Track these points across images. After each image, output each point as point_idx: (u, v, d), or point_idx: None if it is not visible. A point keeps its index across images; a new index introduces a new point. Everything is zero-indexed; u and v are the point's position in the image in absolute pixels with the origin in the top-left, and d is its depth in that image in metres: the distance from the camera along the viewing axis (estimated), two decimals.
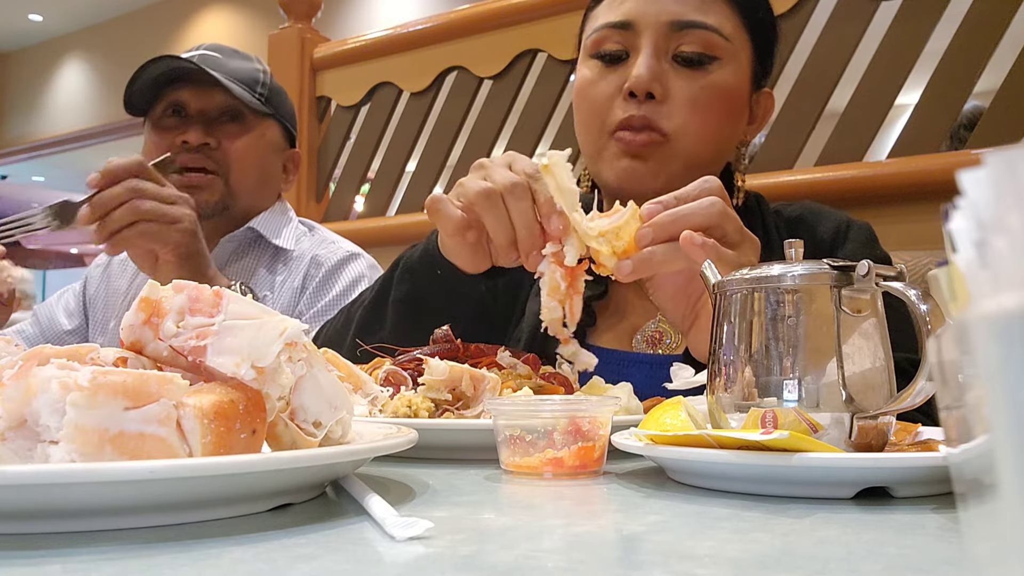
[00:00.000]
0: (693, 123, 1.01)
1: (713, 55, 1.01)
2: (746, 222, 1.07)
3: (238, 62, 1.55)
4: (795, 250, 0.62)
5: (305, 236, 1.63)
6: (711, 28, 1.00)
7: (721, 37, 1.01)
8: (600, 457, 0.63)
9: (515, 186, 0.80)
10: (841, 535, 0.43)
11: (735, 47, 1.03)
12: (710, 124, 1.02)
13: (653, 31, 1.01)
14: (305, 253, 1.56)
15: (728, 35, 1.02)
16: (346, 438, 0.54)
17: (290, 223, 1.62)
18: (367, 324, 1.04)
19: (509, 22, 2.10)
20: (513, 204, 0.80)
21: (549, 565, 0.36)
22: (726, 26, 1.02)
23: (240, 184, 1.52)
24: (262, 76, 1.56)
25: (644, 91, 0.99)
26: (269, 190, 1.61)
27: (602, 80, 1.04)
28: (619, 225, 0.78)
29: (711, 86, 1.01)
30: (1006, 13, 1.53)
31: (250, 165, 1.53)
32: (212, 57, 1.52)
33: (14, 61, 11.26)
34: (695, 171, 1.02)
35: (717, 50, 1.01)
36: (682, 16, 1.00)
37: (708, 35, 1.00)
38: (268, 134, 1.56)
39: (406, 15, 6.07)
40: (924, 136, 1.59)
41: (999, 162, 0.21)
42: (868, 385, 0.58)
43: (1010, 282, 0.20)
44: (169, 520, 0.43)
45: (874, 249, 1.06)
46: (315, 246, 1.58)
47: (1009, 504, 0.20)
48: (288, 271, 1.54)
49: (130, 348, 0.50)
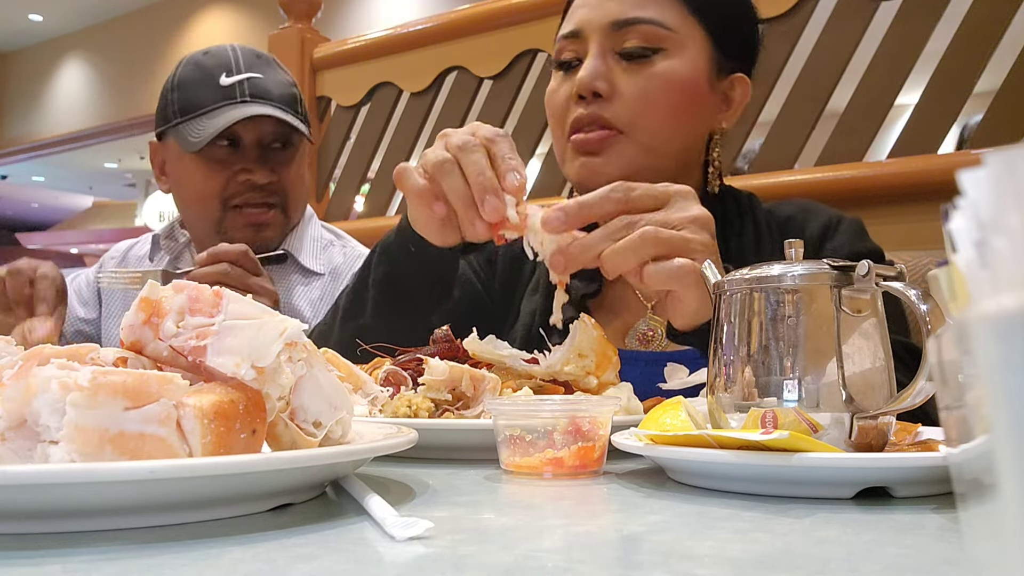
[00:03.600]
0: (644, 114, 1.03)
1: (656, 47, 1.03)
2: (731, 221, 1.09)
3: (276, 78, 1.50)
4: (795, 250, 0.62)
5: (333, 246, 1.61)
6: (651, 21, 1.03)
7: (663, 28, 1.03)
8: (600, 457, 0.63)
9: (466, 143, 0.81)
10: (841, 535, 0.43)
11: (681, 36, 1.04)
12: (662, 113, 1.04)
13: (597, 34, 1.05)
14: (343, 267, 1.56)
15: (671, 25, 1.03)
16: (346, 438, 0.54)
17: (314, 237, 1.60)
18: (350, 309, 1.06)
19: (509, 22, 2.10)
20: (465, 159, 0.81)
21: (549, 565, 0.36)
22: (668, 17, 1.03)
23: (295, 211, 1.53)
24: (297, 91, 1.52)
25: (589, 91, 1.03)
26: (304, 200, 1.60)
27: (560, 88, 1.09)
28: (576, 343, 0.81)
29: (657, 76, 1.03)
30: (1006, 13, 1.54)
31: (301, 189, 1.53)
32: (258, 81, 1.46)
33: (14, 61, 11.27)
34: (658, 161, 1.04)
35: (661, 41, 1.03)
36: (621, 15, 1.03)
37: (649, 28, 1.03)
38: (305, 149, 1.54)
39: (406, 15, 6.07)
40: (924, 136, 1.59)
41: (999, 162, 0.21)
42: (868, 385, 0.58)
43: (1010, 282, 0.20)
44: (169, 520, 0.43)
45: (863, 241, 1.06)
46: (354, 261, 1.57)
47: (1009, 504, 0.20)
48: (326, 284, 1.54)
49: (130, 348, 0.50)
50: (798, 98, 1.72)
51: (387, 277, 1.02)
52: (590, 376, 0.81)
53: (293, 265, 1.55)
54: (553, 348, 0.83)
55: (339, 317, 1.07)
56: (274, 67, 1.52)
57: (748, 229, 1.08)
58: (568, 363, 0.81)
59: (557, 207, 0.78)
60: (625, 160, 1.03)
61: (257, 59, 1.51)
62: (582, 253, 0.78)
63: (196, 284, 0.49)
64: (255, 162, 1.46)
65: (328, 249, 1.60)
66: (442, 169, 0.81)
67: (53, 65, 10.77)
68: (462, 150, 0.81)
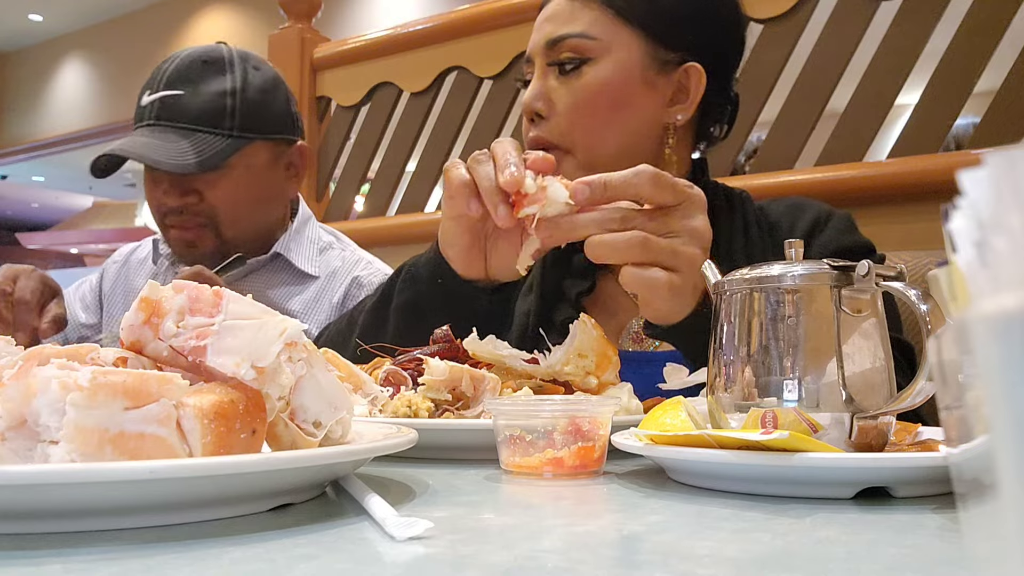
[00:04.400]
0: (578, 126, 1.06)
1: (584, 57, 1.06)
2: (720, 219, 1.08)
3: (204, 90, 1.42)
4: (795, 250, 0.62)
5: (332, 249, 1.60)
6: (577, 35, 1.06)
7: (587, 39, 1.06)
8: (600, 457, 0.63)
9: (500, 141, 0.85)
10: (841, 535, 0.43)
11: (606, 42, 1.06)
12: (596, 121, 1.06)
13: (538, 55, 1.09)
14: (341, 271, 1.54)
15: (595, 35, 1.05)
16: (346, 438, 0.54)
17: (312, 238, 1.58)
18: (369, 329, 1.05)
19: (509, 22, 2.10)
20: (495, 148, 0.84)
21: (549, 565, 0.36)
22: (594, 27, 1.06)
23: (232, 227, 1.46)
24: (229, 103, 1.42)
25: (529, 113, 1.09)
26: (273, 209, 1.54)
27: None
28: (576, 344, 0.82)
29: (586, 86, 1.05)
30: (1006, 13, 1.54)
31: (240, 207, 1.46)
32: (171, 101, 1.41)
33: (14, 61, 11.27)
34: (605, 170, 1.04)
35: (587, 52, 1.06)
36: (553, 33, 1.07)
37: (575, 42, 1.06)
38: (255, 162, 1.47)
39: (406, 15, 6.07)
40: (924, 136, 1.59)
41: (999, 162, 0.21)
42: (868, 385, 0.58)
43: (1010, 282, 0.20)
44: (169, 520, 0.43)
45: (852, 235, 1.06)
46: (352, 265, 1.55)
47: (1009, 504, 0.20)
48: (322, 288, 1.53)
49: (130, 348, 0.50)
50: (798, 98, 1.72)
51: (409, 304, 1.03)
52: (590, 376, 0.81)
53: (285, 267, 1.54)
54: (553, 348, 0.83)
55: (357, 335, 1.07)
56: (213, 75, 1.44)
57: (738, 225, 1.08)
58: (568, 363, 0.81)
59: (584, 180, 0.80)
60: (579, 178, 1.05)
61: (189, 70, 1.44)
62: (570, 230, 0.81)
63: (196, 284, 0.49)
64: (168, 184, 1.42)
65: (326, 252, 1.58)
66: (476, 160, 0.85)
67: (53, 65, 10.77)
68: (495, 144, 0.84)
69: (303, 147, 1.55)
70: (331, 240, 1.63)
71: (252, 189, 1.47)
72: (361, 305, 1.13)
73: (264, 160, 1.48)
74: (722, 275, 0.65)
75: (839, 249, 1.02)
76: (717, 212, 1.09)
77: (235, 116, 1.43)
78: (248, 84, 1.46)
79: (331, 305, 1.50)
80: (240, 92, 1.44)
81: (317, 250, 1.57)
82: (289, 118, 1.54)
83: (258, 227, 1.52)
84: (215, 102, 1.42)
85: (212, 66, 1.45)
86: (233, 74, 1.46)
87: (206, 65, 1.45)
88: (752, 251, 1.05)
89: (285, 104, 1.53)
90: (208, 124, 1.41)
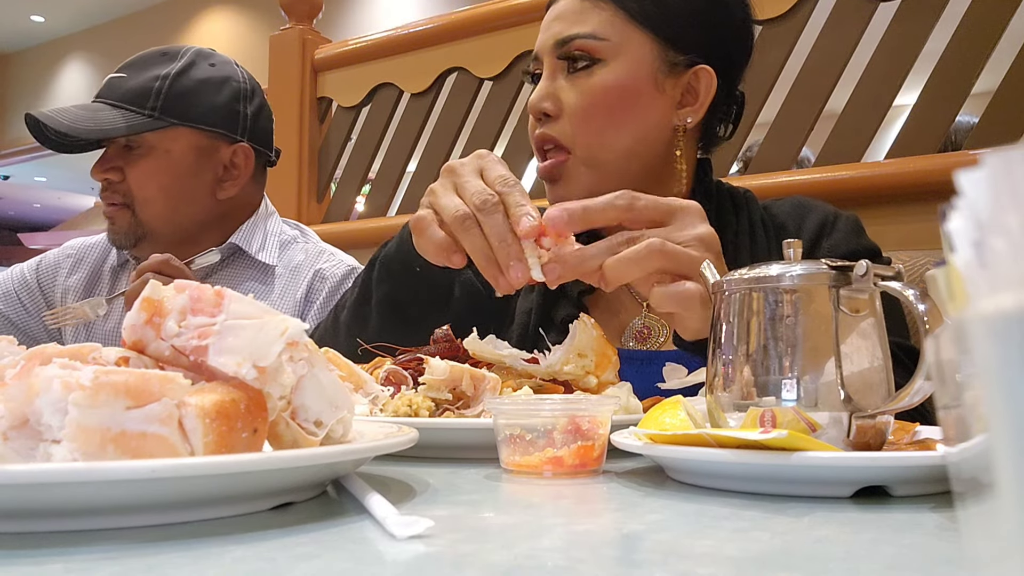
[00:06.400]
0: (585, 127, 1.05)
1: (595, 58, 1.05)
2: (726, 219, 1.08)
3: (145, 74, 1.46)
4: (794, 250, 0.62)
5: (296, 243, 1.59)
6: (587, 36, 1.05)
7: (597, 40, 1.04)
8: (600, 456, 0.64)
9: (484, 203, 0.79)
10: (840, 534, 0.43)
11: (616, 43, 1.05)
12: (605, 122, 1.05)
13: (547, 54, 1.08)
14: (304, 265, 1.54)
15: (606, 36, 1.04)
16: (347, 437, 0.54)
17: (272, 231, 1.58)
18: (353, 327, 1.05)
19: (509, 23, 2.10)
20: (485, 220, 0.79)
21: (549, 564, 0.36)
22: (605, 28, 1.05)
23: (149, 211, 1.47)
24: (158, 84, 1.44)
25: (537, 112, 1.07)
26: (197, 203, 1.52)
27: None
28: (575, 343, 0.81)
29: (595, 87, 1.04)
30: (1004, 14, 1.54)
31: (156, 190, 1.47)
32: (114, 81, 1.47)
33: (16, 62, 11.27)
34: (610, 169, 1.05)
35: (597, 53, 1.04)
36: (562, 33, 1.06)
37: (585, 43, 1.05)
38: (175, 147, 1.46)
39: (407, 16, 6.07)
40: (922, 137, 1.59)
41: (997, 162, 0.21)
42: (866, 384, 0.58)
43: (1008, 282, 0.20)
44: (171, 519, 0.43)
45: (859, 238, 1.06)
46: (314, 258, 1.55)
47: (1007, 503, 0.20)
48: (285, 283, 1.52)
49: (132, 348, 0.50)
50: (797, 98, 1.72)
51: (389, 297, 1.02)
52: (590, 376, 0.82)
53: (248, 262, 1.54)
54: (553, 348, 0.83)
55: (342, 334, 1.06)
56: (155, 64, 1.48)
57: (743, 227, 1.08)
58: (568, 363, 0.81)
59: (560, 206, 0.78)
60: (581, 181, 1.05)
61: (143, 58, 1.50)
62: (580, 263, 0.77)
63: (198, 284, 0.49)
64: (101, 159, 1.48)
65: (290, 246, 1.58)
66: (463, 227, 0.79)
67: (55, 66, 10.77)
68: (481, 211, 0.79)
69: (245, 149, 1.53)
70: (295, 234, 1.63)
71: (169, 174, 1.48)
72: (342, 301, 1.13)
73: (186, 148, 1.48)
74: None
75: (847, 253, 1.01)
76: (723, 213, 1.09)
77: (159, 97, 1.45)
78: (186, 73, 1.48)
79: (295, 300, 1.50)
80: (173, 77, 1.47)
81: (278, 243, 1.57)
82: (231, 115, 1.51)
83: (176, 216, 1.50)
84: (147, 83, 1.46)
85: (165, 56, 1.50)
86: (176, 63, 1.48)
87: (162, 56, 1.50)
88: (758, 254, 1.04)
89: (230, 101, 1.51)
90: (133, 103, 1.44)
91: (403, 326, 1.01)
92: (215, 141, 1.50)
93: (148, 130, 1.44)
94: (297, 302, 1.50)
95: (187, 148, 1.48)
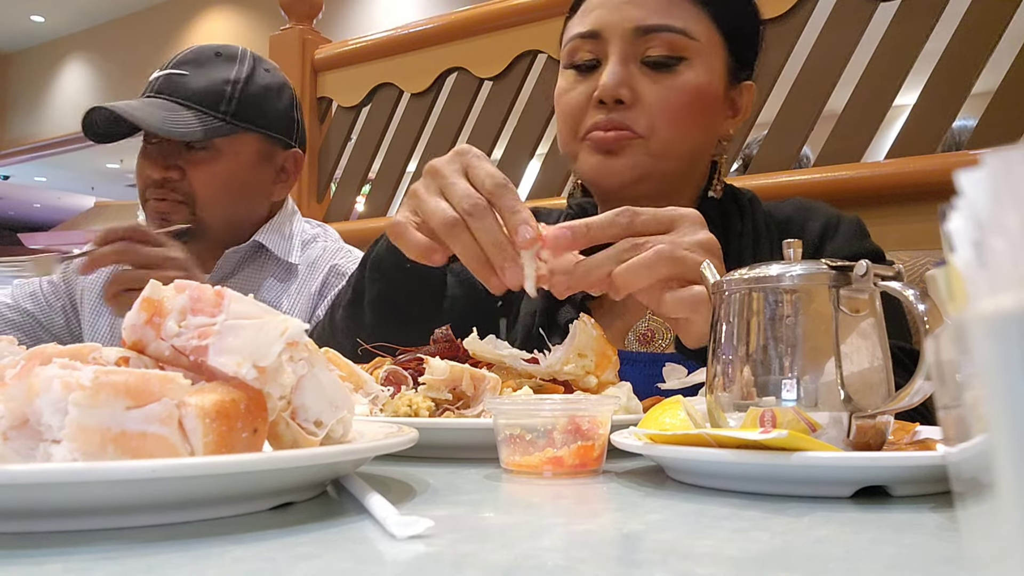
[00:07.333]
0: (664, 123, 1.03)
1: (680, 56, 1.02)
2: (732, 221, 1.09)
3: (209, 74, 1.46)
4: (793, 251, 0.62)
5: (317, 241, 1.61)
6: (676, 30, 1.02)
7: (687, 38, 1.02)
8: (600, 456, 0.64)
9: (475, 207, 0.77)
10: (840, 534, 0.43)
11: (703, 45, 1.03)
12: (682, 123, 1.03)
13: (619, 38, 1.03)
14: (321, 260, 1.55)
15: (695, 35, 1.03)
16: (347, 437, 0.54)
17: (296, 231, 1.59)
18: (349, 327, 1.05)
19: (509, 23, 2.10)
20: (476, 225, 0.76)
21: (549, 564, 0.36)
22: (693, 26, 1.03)
23: (210, 212, 1.48)
24: (229, 89, 1.46)
25: (612, 98, 1.02)
26: (254, 205, 1.55)
27: (575, 88, 1.07)
28: (575, 343, 0.81)
29: (680, 87, 1.02)
30: (1004, 14, 1.54)
31: (220, 191, 1.48)
32: (175, 78, 1.46)
33: (16, 62, 11.27)
34: (669, 164, 1.05)
35: (684, 51, 1.02)
36: (645, 20, 1.02)
37: (673, 37, 1.02)
38: (244, 151, 1.49)
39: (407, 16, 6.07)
40: (922, 137, 1.59)
41: (997, 163, 0.21)
42: (866, 384, 0.58)
43: (1008, 282, 0.20)
44: (171, 519, 0.43)
45: (863, 241, 1.06)
46: (332, 254, 1.56)
47: (1007, 503, 0.20)
48: (303, 278, 1.53)
49: (132, 348, 0.50)
50: (797, 98, 1.72)
51: (382, 296, 1.01)
52: (590, 376, 0.82)
53: (270, 259, 1.55)
54: (553, 348, 0.83)
55: (339, 335, 1.06)
56: (222, 63, 1.49)
57: (748, 229, 1.08)
58: (568, 363, 0.81)
59: (563, 225, 0.77)
60: (639, 162, 1.04)
61: (206, 55, 1.49)
62: (588, 274, 0.77)
63: (198, 284, 0.49)
64: (155, 156, 1.46)
65: (311, 245, 1.60)
66: (452, 232, 0.77)
67: (55, 66, 10.77)
68: (471, 215, 0.76)
69: (294, 154, 1.57)
70: (317, 232, 1.64)
71: (235, 177, 1.49)
72: (337, 301, 1.12)
73: (252, 153, 1.51)
74: None
75: (852, 256, 1.01)
76: (728, 216, 1.10)
77: (232, 103, 1.46)
78: (252, 78, 1.50)
79: (310, 295, 1.51)
80: (243, 82, 1.48)
81: (301, 243, 1.58)
82: (290, 122, 1.56)
83: (234, 217, 1.52)
84: (216, 86, 1.46)
85: (223, 57, 1.50)
86: (240, 66, 1.50)
87: (218, 56, 1.50)
88: (762, 258, 1.05)
89: (288, 108, 1.56)
90: (205, 104, 1.44)
91: (398, 323, 1.01)
92: (275, 146, 1.53)
93: (222, 135, 1.45)
94: (312, 296, 1.51)
95: (252, 152, 1.50)
